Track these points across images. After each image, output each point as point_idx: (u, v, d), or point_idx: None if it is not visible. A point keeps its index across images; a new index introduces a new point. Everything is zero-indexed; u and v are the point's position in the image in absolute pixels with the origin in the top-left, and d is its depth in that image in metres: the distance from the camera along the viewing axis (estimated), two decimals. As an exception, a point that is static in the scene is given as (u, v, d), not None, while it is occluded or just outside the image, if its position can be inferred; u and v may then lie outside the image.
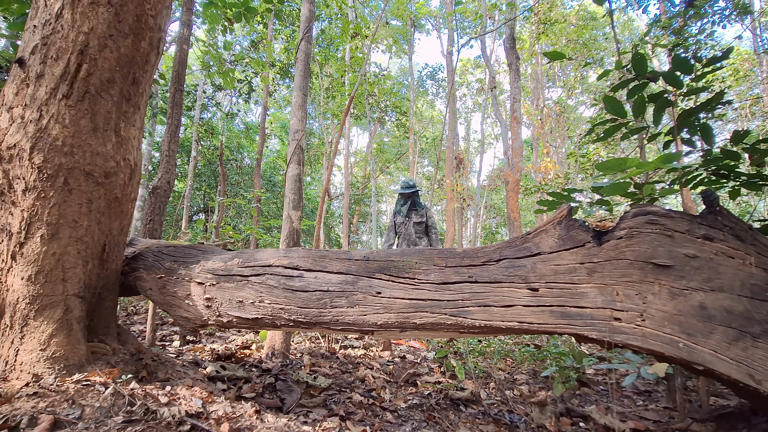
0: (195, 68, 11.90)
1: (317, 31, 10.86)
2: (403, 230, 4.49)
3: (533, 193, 9.42)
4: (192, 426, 1.09)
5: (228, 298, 1.39)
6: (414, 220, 4.49)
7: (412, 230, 4.47)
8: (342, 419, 1.54)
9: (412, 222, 4.48)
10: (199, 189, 13.37)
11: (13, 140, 1.26)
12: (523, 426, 1.65)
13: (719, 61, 1.56)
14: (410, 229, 4.46)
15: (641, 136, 1.98)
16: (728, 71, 9.88)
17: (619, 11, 11.67)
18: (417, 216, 4.56)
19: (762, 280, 0.86)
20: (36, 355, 1.20)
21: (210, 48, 6.45)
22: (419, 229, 4.47)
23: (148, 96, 1.54)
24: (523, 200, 14.61)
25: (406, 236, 4.49)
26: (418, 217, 4.54)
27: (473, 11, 11.96)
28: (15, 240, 1.25)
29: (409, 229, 4.47)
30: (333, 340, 3.15)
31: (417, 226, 4.48)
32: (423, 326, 1.15)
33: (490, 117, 17.49)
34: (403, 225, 4.55)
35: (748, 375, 0.83)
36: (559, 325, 1.01)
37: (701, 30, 5.47)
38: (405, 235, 4.49)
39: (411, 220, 4.49)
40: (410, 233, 4.47)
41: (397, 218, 4.69)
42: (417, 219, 4.53)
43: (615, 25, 2.63)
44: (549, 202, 1.68)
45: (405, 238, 4.49)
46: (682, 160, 1.93)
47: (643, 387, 2.27)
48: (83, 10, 1.28)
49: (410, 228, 4.45)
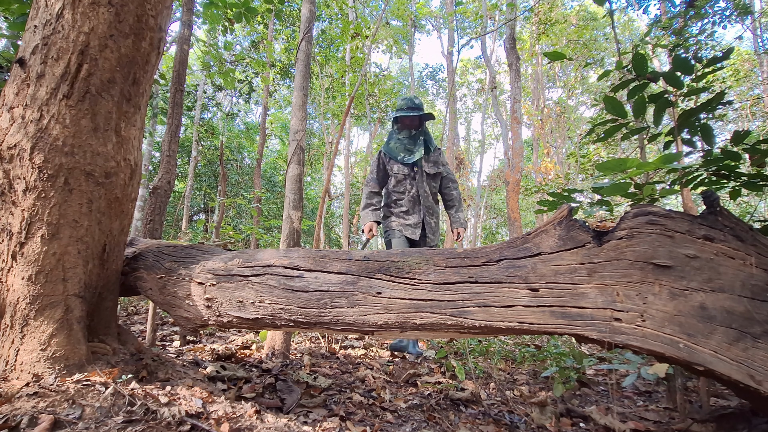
0: (195, 68, 11.91)
1: (318, 31, 10.87)
2: (409, 187, 2.83)
3: (533, 194, 9.42)
4: (192, 426, 1.09)
5: (228, 298, 1.39)
6: (427, 170, 2.84)
7: (426, 187, 2.83)
8: (342, 419, 1.54)
9: (424, 174, 2.83)
10: (200, 189, 13.38)
11: (14, 140, 1.26)
12: (523, 426, 1.65)
13: (720, 62, 1.56)
14: (423, 185, 2.82)
15: (641, 137, 1.98)
16: (729, 72, 9.88)
17: (620, 12, 11.67)
18: (429, 163, 2.88)
19: (762, 281, 0.86)
20: (36, 355, 1.21)
21: (210, 48, 6.46)
22: (434, 185, 2.90)
23: (148, 96, 1.54)
24: (524, 200, 14.61)
25: (416, 199, 2.82)
26: (430, 166, 2.88)
27: (473, 11, 11.97)
28: (15, 240, 1.25)
29: (422, 186, 2.82)
30: (333, 340, 3.15)
31: (431, 179, 2.88)
32: (423, 326, 1.15)
33: (490, 117, 17.50)
34: (408, 179, 2.84)
35: (748, 375, 0.83)
36: (559, 326, 1.01)
37: (702, 30, 5.47)
38: (414, 196, 2.83)
39: (422, 171, 2.83)
40: (424, 193, 2.81)
41: (393, 167, 2.87)
42: (430, 168, 2.86)
43: (615, 25, 2.63)
44: (549, 203, 1.68)
45: (414, 201, 2.83)
46: (682, 161, 1.93)
47: (644, 387, 2.27)
48: (84, 10, 1.28)
49: (423, 185, 2.82)
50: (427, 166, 2.88)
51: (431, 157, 2.92)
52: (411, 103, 2.88)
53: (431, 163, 2.91)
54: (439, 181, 2.97)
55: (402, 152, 2.89)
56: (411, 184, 2.87)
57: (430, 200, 2.90)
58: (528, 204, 16.63)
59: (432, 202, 2.91)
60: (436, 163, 2.93)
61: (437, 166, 2.93)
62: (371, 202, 2.93)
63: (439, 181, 2.97)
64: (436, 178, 2.94)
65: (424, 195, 2.86)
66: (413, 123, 2.88)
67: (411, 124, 2.89)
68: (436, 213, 2.94)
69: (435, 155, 2.93)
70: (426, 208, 2.87)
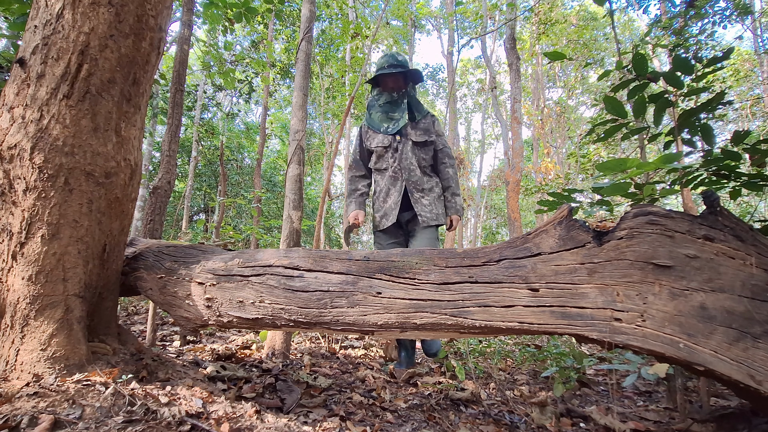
0: (195, 68, 11.91)
1: (318, 31, 10.87)
2: (390, 161, 2.35)
3: (533, 194, 9.42)
4: (192, 426, 1.09)
5: (228, 298, 1.39)
6: (413, 137, 2.34)
7: (411, 157, 2.33)
8: (342, 419, 1.54)
9: (409, 142, 2.33)
10: (200, 189, 13.38)
11: (14, 140, 1.26)
12: (523, 426, 1.65)
13: (720, 62, 1.56)
14: (407, 156, 2.32)
15: (642, 137, 1.98)
16: (729, 72, 9.88)
17: (620, 12, 11.67)
18: (417, 131, 2.37)
19: (762, 281, 0.86)
20: (36, 355, 1.21)
21: (210, 48, 6.46)
22: (423, 157, 2.38)
23: (148, 96, 1.54)
24: (524, 200, 14.61)
25: (399, 172, 2.33)
26: (419, 133, 2.36)
27: (473, 11, 11.96)
28: (16, 240, 1.25)
29: (406, 157, 2.32)
30: (333, 340, 3.15)
31: (419, 149, 2.36)
32: (423, 326, 1.15)
33: (490, 117, 17.50)
34: (389, 151, 2.36)
35: (748, 376, 0.83)
36: (559, 326, 1.01)
37: (702, 30, 5.47)
38: (395, 170, 2.34)
39: (407, 140, 2.34)
40: (408, 164, 2.32)
41: (372, 140, 2.41)
42: (418, 136, 2.35)
43: (615, 25, 2.63)
44: (549, 203, 1.68)
45: (394, 177, 2.35)
46: (682, 161, 1.93)
47: (644, 387, 2.27)
48: (84, 10, 1.28)
49: (407, 154, 2.32)
50: (414, 134, 2.36)
51: (420, 124, 2.39)
52: (393, 60, 2.33)
53: (420, 131, 2.37)
54: (431, 153, 2.43)
55: (384, 122, 2.39)
56: (393, 156, 2.36)
57: (417, 173, 2.34)
58: (528, 204, 16.63)
59: (420, 176, 2.35)
60: (427, 131, 2.38)
61: (428, 134, 2.38)
62: (356, 187, 2.51)
63: (431, 152, 2.43)
64: (426, 148, 2.40)
65: (407, 166, 2.32)
66: (396, 84, 2.37)
67: (393, 86, 2.37)
68: (428, 190, 2.38)
69: (426, 122, 2.40)
70: (411, 184, 2.33)
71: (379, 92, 2.46)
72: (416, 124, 2.40)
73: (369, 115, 2.48)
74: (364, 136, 2.51)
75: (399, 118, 2.37)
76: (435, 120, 2.47)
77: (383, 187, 2.41)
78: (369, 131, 2.48)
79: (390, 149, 2.38)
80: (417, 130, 2.39)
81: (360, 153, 2.54)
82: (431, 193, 2.39)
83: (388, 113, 2.40)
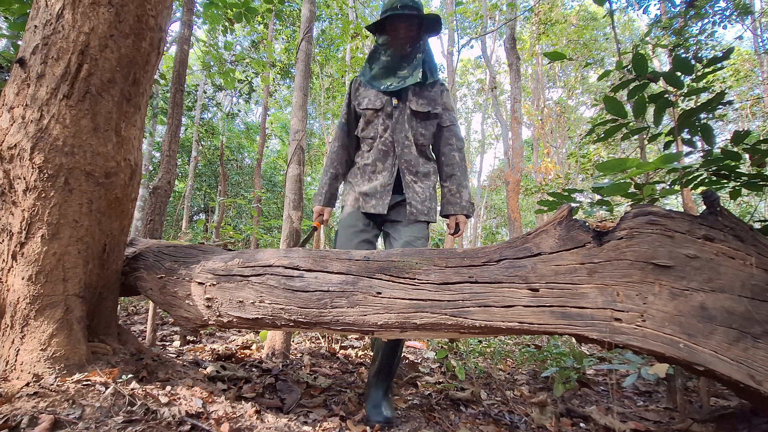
0: (196, 68, 11.91)
1: (318, 31, 10.86)
2: (380, 129, 1.86)
3: (533, 194, 9.42)
4: (192, 426, 1.09)
5: (228, 298, 1.39)
6: (413, 105, 1.85)
7: (407, 129, 1.84)
8: (342, 419, 1.54)
9: (407, 111, 1.85)
10: (200, 189, 13.38)
11: (14, 140, 1.26)
12: (523, 426, 1.65)
13: (720, 62, 1.57)
14: (403, 127, 1.84)
15: (642, 137, 1.98)
16: (729, 72, 9.88)
17: (620, 12, 11.67)
18: (420, 98, 1.87)
19: (763, 281, 0.86)
20: (36, 355, 1.21)
21: (211, 48, 6.46)
22: (422, 133, 1.88)
23: (148, 96, 1.54)
24: (524, 200, 14.62)
25: (391, 146, 1.85)
26: (421, 102, 1.87)
27: (473, 11, 11.96)
28: (16, 240, 1.25)
29: (401, 129, 1.84)
30: (333, 340, 3.15)
31: (418, 122, 1.88)
32: (423, 326, 1.15)
33: (490, 117, 17.49)
34: (381, 116, 1.86)
35: (748, 376, 0.83)
36: (559, 326, 1.01)
37: (702, 30, 5.47)
38: (387, 143, 1.85)
39: (405, 107, 1.85)
40: (403, 139, 1.84)
41: (363, 99, 1.91)
42: (419, 105, 1.86)
43: (615, 25, 2.63)
44: (549, 203, 1.68)
45: (385, 151, 1.85)
46: (682, 161, 1.93)
47: (644, 388, 2.27)
48: (84, 10, 1.28)
49: (402, 125, 1.84)
50: (415, 102, 1.84)
51: (426, 91, 1.88)
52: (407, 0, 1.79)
53: (424, 99, 1.86)
54: (432, 130, 1.91)
55: (387, 78, 1.88)
56: (385, 124, 1.84)
57: (413, 152, 1.85)
58: (528, 204, 16.63)
59: (415, 156, 1.85)
60: (433, 101, 1.87)
61: (433, 105, 1.87)
62: (329, 167, 1.99)
63: (433, 129, 1.90)
64: (427, 122, 1.88)
65: (401, 140, 1.83)
66: (409, 32, 1.84)
67: (406, 34, 1.84)
68: (422, 174, 1.88)
69: (434, 90, 1.89)
70: (405, 163, 1.83)
71: (386, 41, 1.87)
72: (421, 89, 1.88)
73: (368, 68, 1.94)
74: (353, 93, 1.97)
75: (408, 76, 1.84)
76: (445, 90, 1.95)
77: (371, 158, 1.87)
78: (360, 87, 1.95)
79: (382, 114, 1.86)
80: (420, 98, 1.87)
81: (347, 115, 1.99)
82: (427, 180, 1.89)
83: (395, 70, 1.88)
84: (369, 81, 1.93)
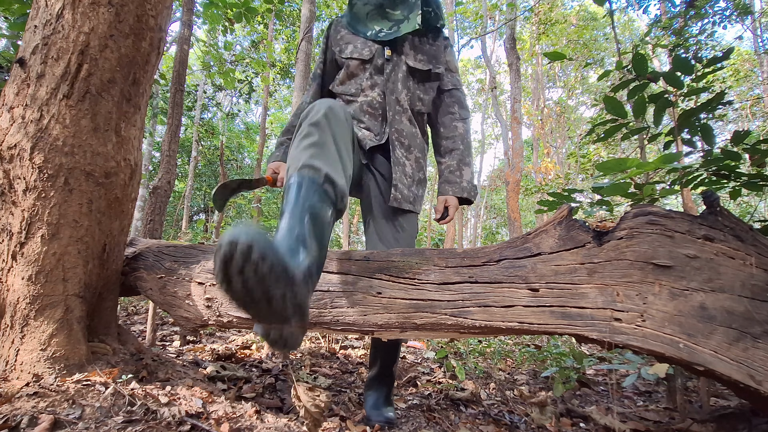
0: (196, 68, 11.90)
1: (318, 31, 10.86)
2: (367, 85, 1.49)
3: (533, 194, 9.42)
4: (192, 426, 1.09)
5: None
6: (409, 60, 1.50)
7: (400, 90, 1.49)
8: (342, 419, 1.54)
9: (402, 65, 1.50)
10: (200, 189, 13.38)
11: (14, 140, 1.26)
12: (523, 426, 1.65)
13: (720, 62, 1.57)
14: (395, 87, 1.48)
15: (641, 137, 1.98)
16: (729, 72, 9.88)
17: (620, 12, 11.67)
18: (419, 53, 1.53)
19: (762, 281, 0.86)
20: (36, 355, 1.21)
21: (210, 48, 6.46)
22: (421, 97, 1.54)
23: (148, 96, 1.54)
24: (524, 200, 14.61)
25: (381, 109, 1.48)
26: (420, 57, 1.52)
27: (473, 11, 11.96)
28: (15, 240, 1.25)
29: (393, 88, 1.48)
30: (333, 340, 3.15)
31: (416, 82, 1.53)
32: (423, 326, 1.15)
33: (490, 117, 17.49)
34: (369, 69, 1.50)
35: (748, 376, 0.83)
36: (559, 326, 1.01)
37: (702, 30, 5.47)
38: (374, 104, 1.48)
39: (400, 61, 1.50)
40: (396, 104, 1.48)
41: (346, 47, 1.54)
42: (418, 60, 1.52)
43: (615, 25, 2.63)
44: (549, 203, 1.68)
45: (375, 113, 1.49)
46: (682, 161, 1.93)
47: (644, 388, 2.27)
48: (84, 10, 1.28)
49: (395, 84, 1.48)
50: (413, 56, 1.50)
51: (427, 45, 1.54)
52: None
53: (423, 55, 1.52)
54: (432, 95, 1.57)
55: (376, 21, 1.50)
56: (372, 80, 1.47)
57: (406, 120, 1.50)
58: (528, 204, 16.63)
59: (408, 125, 1.51)
60: (435, 58, 1.54)
61: (434, 63, 1.54)
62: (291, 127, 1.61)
63: (433, 93, 1.57)
64: (427, 84, 1.53)
65: (393, 106, 1.46)
66: None
67: None
68: (416, 148, 1.54)
69: (436, 45, 1.55)
70: (396, 133, 1.48)
71: None
72: (421, 41, 1.52)
73: (350, 8, 1.57)
74: (332, 38, 1.59)
75: (403, 20, 1.46)
76: (449, 46, 1.61)
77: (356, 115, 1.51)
78: (342, 31, 1.57)
79: (371, 67, 1.48)
80: (419, 52, 1.51)
81: (323, 65, 1.63)
82: (416, 151, 1.55)
83: (386, 9, 1.49)
84: (351, 24, 1.54)
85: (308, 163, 1.04)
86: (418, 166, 1.57)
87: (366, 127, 1.50)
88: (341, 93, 1.57)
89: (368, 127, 1.50)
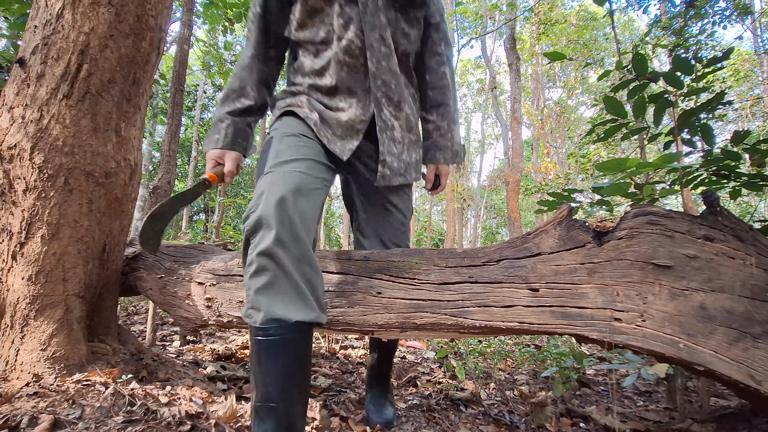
0: (196, 68, 11.91)
1: (318, 31, 10.85)
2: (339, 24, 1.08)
3: (533, 194, 9.43)
4: (192, 426, 1.09)
5: (228, 298, 1.39)
6: None
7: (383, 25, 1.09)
8: (342, 419, 1.54)
9: None
10: (200, 189, 13.33)
11: (14, 140, 1.26)
12: (523, 426, 1.65)
13: (720, 62, 1.57)
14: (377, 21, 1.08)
15: (641, 137, 1.98)
16: (729, 72, 9.88)
17: (620, 12, 11.68)
18: None
19: (762, 281, 0.86)
20: (36, 355, 1.21)
21: (210, 48, 6.46)
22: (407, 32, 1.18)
23: (148, 96, 1.54)
24: (524, 200, 14.62)
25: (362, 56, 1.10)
26: None
27: (473, 11, 11.96)
28: (15, 240, 1.25)
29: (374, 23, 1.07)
30: (333, 340, 3.15)
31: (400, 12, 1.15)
32: (423, 326, 1.15)
33: (490, 117, 17.49)
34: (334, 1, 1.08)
35: (748, 376, 0.83)
36: (559, 326, 1.01)
37: (702, 30, 5.47)
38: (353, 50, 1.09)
39: None
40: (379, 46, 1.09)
41: None
42: None
43: (615, 25, 2.63)
44: (549, 203, 1.68)
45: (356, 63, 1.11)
46: (682, 161, 1.93)
47: (644, 388, 2.27)
48: (84, 10, 1.28)
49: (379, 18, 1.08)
50: None
51: None
52: None
53: None
54: (420, 29, 1.26)
55: None
56: (345, 16, 1.11)
57: (393, 66, 1.16)
58: (528, 204, 16.63)
59: (396, 73, 1.18)
60: None
61: None
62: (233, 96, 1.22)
63: (420, 27, 1.26)
64: (410, 10, 1.20)
65: (377, 48, 1.12)
66: None
67: None
68: (405, 103, 1.24)
69: None
70: (382, 87, 1.16)
71: None
72: None
73: None
74: None
75: None
76: None
77: (329, 76, 1.15)
78: None
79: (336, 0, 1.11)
80: None
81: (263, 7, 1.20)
82: (408, 108, 1.26)
83: None
84: None
85: (272, 315, 0.91)
86: (408, 125, 1.27)
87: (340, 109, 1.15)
88: (305, 40, 1.17)
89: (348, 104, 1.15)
